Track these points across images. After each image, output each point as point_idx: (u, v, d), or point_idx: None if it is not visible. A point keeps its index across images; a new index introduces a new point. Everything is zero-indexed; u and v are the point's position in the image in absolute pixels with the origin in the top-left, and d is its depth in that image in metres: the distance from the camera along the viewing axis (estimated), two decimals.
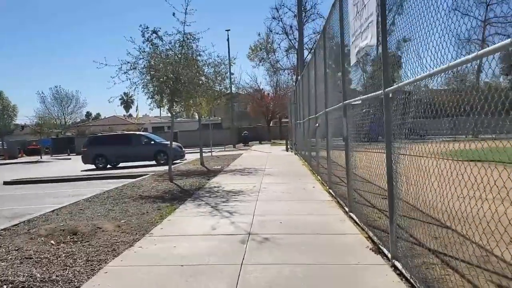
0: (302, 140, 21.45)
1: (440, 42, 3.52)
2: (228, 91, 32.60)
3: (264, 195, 10.35)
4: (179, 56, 13.29)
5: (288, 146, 30.11)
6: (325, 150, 12.26)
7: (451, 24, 3.31)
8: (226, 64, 18.67)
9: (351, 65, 6.98)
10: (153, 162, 24.11)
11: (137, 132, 27.01)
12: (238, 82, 18.49)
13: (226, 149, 36.91)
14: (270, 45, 49.16)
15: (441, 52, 3.55)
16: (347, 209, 7.94)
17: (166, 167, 19.83)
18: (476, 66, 3.88)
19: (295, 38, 48.22)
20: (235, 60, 16.46)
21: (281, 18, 48.37)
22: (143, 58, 13.54)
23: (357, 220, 7.20)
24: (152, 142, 24.34)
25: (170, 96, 13.64)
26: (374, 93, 5.43)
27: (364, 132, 6.47)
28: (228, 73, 17.36)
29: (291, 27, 48.46)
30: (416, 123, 4.42)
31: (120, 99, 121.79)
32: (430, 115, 3.89)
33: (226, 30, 38.65)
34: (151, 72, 13.40)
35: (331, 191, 10.26)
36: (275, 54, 50.30)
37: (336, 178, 10.43)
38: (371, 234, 6.16)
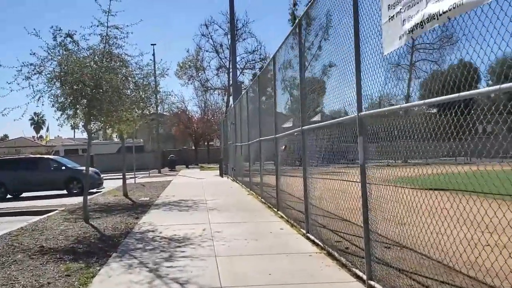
0: (243, 165, 18.76)
1: None
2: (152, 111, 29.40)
3: (222, 245, 7.43)
4: (101, 56, 10.12)
5: (223, 171, 27.21)
6: (293, 178, 9.65)
7: None
8: (157, 76, 15.70)
9: (391, 51, 4.41)
10: (64, 192, 20.08)
11: (45, 156, 22.76)
12: (165, 99, 15.59)
13: (151, 174, 33.21)
14: (200, 63, 46.33)
15: None
16: (363, 275, 5.25)
17: (80, 198, 16.12)
18: None
19: (225, 57, 45.99)
20: (168, 71, 13.16)
21: (211, 36, 45.90)
22: (52, 59, 10.23)
23: None
24: (63, 168, 20.28)
25: (86, 109, 10.35)
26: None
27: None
28: (158, 87, 14.10)
29: (221, 45, 46.09)
30: None
31: (30, 119, 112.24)
32: None
33: (151, 45, 35.33)
34: (62, 78, 10.09)
35: (311, 236, 7.58)
36: (205, 73, 47.49)
37: (317, 217, 7.80)
38: None
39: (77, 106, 10.40)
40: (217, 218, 10.31)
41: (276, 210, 10.83)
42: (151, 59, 12.14)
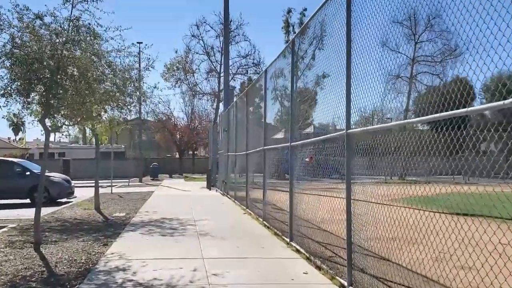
0: (238, 178, 16.25)
1: None
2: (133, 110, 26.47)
3: None
4: (64, 25, 7.57)
5: (211, 184, 24.56)
6: (321, 199, 7.14)
7: None
8: (141, 69, 13.18)
9: None
10: (29, 201, 17.19)
11: (8, 159, 19.79)
12: (150, 95, 13.10)
13: (131, 183, 30.37)
14: (188, 65, 43.58)
15: None
16: None
17: (45, 210, 13.45)
18: None
19: (217, 61, 43.45)
20: (154, 63, 10.57)
21: (201, 37, 43.23)
22: (2, 30, 7.68)
23: None
24: (28, 173, 17.36)
25: (44, 98, 7.75)
26: None
27: None
28: (142, 82, 11.39)
29: (212, 48, 43.51)
30: None
31: (8, 120, 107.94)
32: None
33: (137, 43, 32.45)
34: (14, 54, 7.53)
35: None
36: (194, 76, 44.72)
37: (370, 261, 5.32)
38: None
39: (31, 93, 7.80)
40: (212, 250, 7.73)
41: (288, 240, 8.29)
42: (133, 43, 9.50)
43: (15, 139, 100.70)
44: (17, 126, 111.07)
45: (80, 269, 6.43)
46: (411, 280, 4.74)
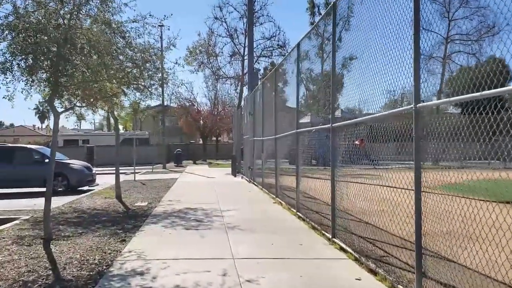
0: (265, 164, 15.21)
1: None
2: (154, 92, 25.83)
3: None
4: None
5: (236, 170, 23.58)
6: (375, 188, 6.03)
7: None
8: (160, 49, 12.19)
9: None
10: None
11: (26, 146, 19.14)
12: (171, 73, 12.16)
13: (154, 170, 29.68)
14: (212, 48, 42.41)
15: None
16: None
17: (63, 199, 12.83)
18: None
19: (240, 43, 42.15)
20: (176, 41, 9.65)
21: (224, 19, 41.85)
22: None
23: None
24: (47, 160, 16.65)
25: (51, 75, 6.80)
26: None
27: None
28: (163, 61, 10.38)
29: (235, 30, 42.14)
30: None
31: (34, 108, 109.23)
32: None
33: (159, 26, 31.43)
34: (15, 24, 6.59)
35: None
36: (217, 59, 43.50)
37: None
38: None
39: (37, 70, 6.86)
40: (243, 248, 6.72)
41: (329, 236, 7.21)
42: (150, 14, 8.39)
43: (40, 126, 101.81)
44: (42, 114, 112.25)
45: (91, 273, 5.51)
46: None
